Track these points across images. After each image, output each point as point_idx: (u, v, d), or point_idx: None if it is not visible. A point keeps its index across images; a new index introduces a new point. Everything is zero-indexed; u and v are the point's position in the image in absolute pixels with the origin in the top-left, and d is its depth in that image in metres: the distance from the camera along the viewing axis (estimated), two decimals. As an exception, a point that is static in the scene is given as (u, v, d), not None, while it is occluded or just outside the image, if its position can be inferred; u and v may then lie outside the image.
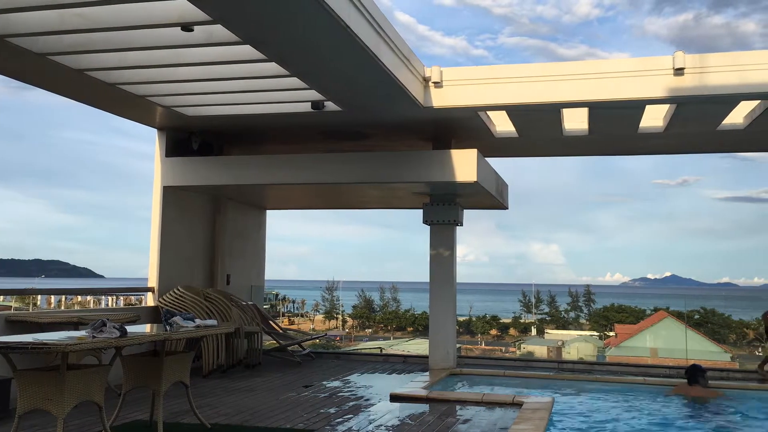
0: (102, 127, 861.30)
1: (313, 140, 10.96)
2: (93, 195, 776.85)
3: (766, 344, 8.48)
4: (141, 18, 6.05)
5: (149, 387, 5.85)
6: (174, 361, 5.97)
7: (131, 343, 5.22)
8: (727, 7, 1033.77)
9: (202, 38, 6.47)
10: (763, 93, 7.84)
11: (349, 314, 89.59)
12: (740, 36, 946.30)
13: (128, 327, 5.50)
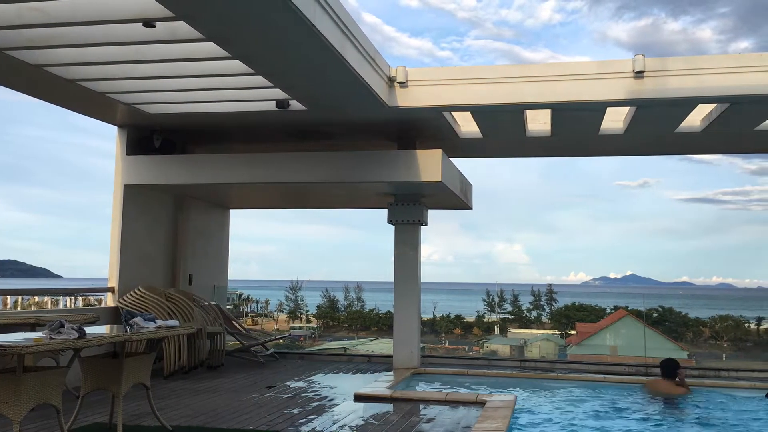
0: (61, 124, 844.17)
1: (277, 139, 10.88)
2: (52, 193, 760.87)
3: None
4: (102, 13, 5.94)
5: (109, 389, 5.75)
6: (134, 362, 5.87)
7: (90, 344, 5.12)
8: (684, 15, 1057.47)
9: (165, 35, 6.37)
10: (720, 96, 8.04)
11: (313, 314, 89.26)
12: (696, 42, 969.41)
13: (87, 328, 5.39)
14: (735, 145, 11.33)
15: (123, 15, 5.93)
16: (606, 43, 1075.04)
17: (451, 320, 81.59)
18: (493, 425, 6.39)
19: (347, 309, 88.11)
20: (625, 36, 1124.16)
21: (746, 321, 77.53)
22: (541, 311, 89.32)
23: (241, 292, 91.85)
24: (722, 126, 9.30)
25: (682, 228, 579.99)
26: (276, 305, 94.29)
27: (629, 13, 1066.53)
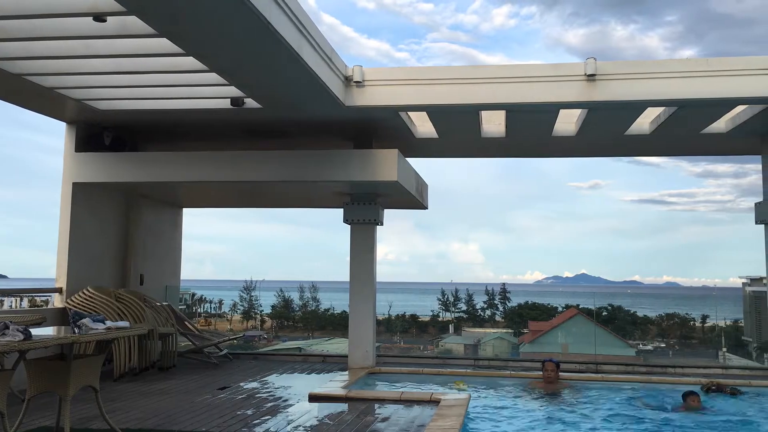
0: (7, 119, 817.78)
1: (232, 137, 10.76)
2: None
3: None
4: (50, 6, 5.78)
5: (56, 392, 5.59)
6: (83, 364, 5.72)
7: (36, 346, 4.98)
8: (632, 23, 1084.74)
9: (116, 29, 6.23)
10: (668, 100, 8.27)
11: (267, 314, 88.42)
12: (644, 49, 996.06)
13: (33, 330, 5.24)
14: (682, 147, 11.68)
15: (72, 8, 5.78)
16: (558, 48, 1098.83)
17: (407, 319, 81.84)
18: (447, 423, 6.44)
19: (302, 309, 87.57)
20: (575, 41, 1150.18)
21: (691, 319, 79.82)
22: (494, 310, 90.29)
23: (194, 292, 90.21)
24: (670, 129, 9.57)
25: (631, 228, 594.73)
26: (230, 305, 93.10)
27: (580, 19, 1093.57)
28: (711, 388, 9.17)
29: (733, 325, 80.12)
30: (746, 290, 72.09)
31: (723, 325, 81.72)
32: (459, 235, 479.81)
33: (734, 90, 7.88)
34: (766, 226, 9.91)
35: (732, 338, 70.70)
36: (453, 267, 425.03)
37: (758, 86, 7.82)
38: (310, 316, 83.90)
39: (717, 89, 7.88)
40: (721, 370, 11.95)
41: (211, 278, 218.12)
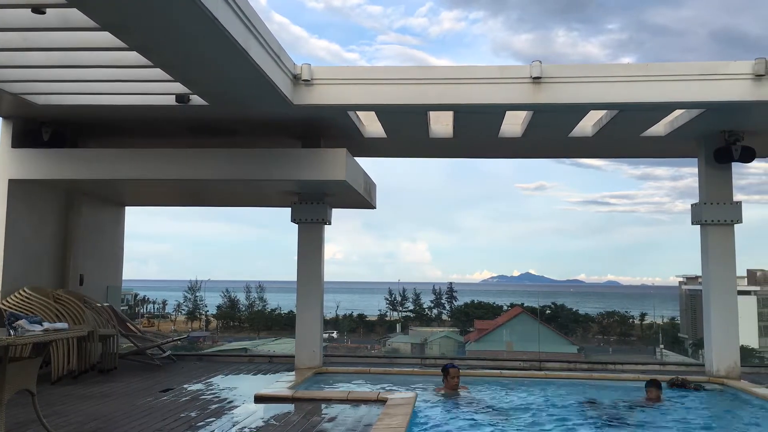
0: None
1: (178, 135, 10.55)
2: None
3: None
4: (-16, -5, 5.56)
5: (-11, 397, 5.38)
6: (18, 367, 5.52)
7: (-32, 349, 4.78)
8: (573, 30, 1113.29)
9: (56, 22, 6.04)
10: (609, 103, 8.49)
11: (212, 315, 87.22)
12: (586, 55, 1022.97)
13: (-35, 332, 5.03)
14: (623, 150, 12.00)
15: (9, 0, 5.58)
16: (503, 52, 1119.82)
17: (354, 319, 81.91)
18: (393, 422, 6.46)
19: (249, 309, 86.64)
20: (520, 46, 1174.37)
21: (630, 317, 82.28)
22: (441, 309, 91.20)
23: (136, 292, 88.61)
24: (612, 132, 9.82)
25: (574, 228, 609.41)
26: (174, 306, 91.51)
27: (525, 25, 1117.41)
28: (675, 383, 9.44)
29: (670, 322, 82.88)
30: (682, 289, 74.32)
31: (660, 322, 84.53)
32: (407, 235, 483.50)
33: (672, 95, 8.14)
34: (701, 227, 10.28)
35: (669, 335, 73.07)
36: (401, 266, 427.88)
37: (695, 91, 8.10)
38: (257, 317, 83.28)
39: (656, 94, 8.13)
40: (658, 366, 12.35)
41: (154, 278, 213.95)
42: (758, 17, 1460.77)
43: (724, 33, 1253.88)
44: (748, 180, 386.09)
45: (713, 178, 10.20)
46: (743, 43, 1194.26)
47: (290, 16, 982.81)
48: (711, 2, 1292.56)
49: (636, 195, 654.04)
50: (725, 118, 9.11)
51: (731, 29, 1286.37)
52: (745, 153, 9.65)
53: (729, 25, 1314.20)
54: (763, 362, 16.82)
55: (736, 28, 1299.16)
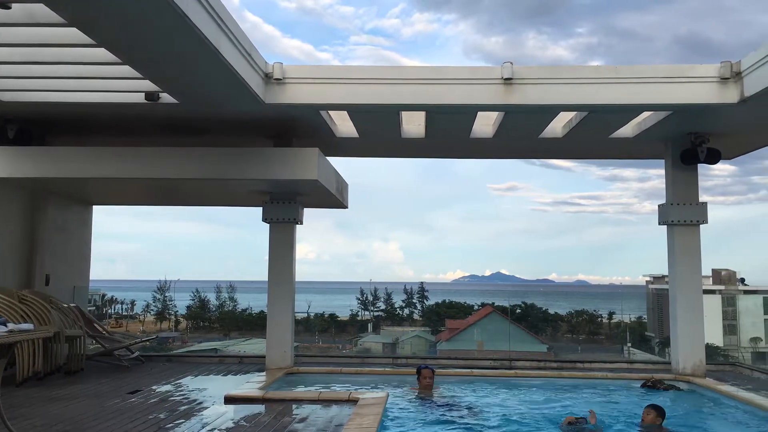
0: None
1: (147, 133, 10.42)
2: None
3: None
4: (-54, -12, 5.42)
5: (-49, 400, 5.26)
6: (-18, 370, 5.41)
7: (-71, 351, 4.67)
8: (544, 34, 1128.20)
9: (22, 17, 5.93)
10: (579, 105, 8.59)
11: (182, 315, 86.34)
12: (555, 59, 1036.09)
13: (-74, 333, 4.91)
14: (592, 151, 12.15)
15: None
16: (474, 54, 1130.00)
17: (325, 319, 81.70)
18: (365, 422, 6.46)
19: (219, 309, 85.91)
20: (491, 48, 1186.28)
21: (599, 316, 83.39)
22: (413, 309, 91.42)
23: (104, 292, 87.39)
24: (581, 133, 9.94)
25: (544, 229, 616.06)
26: (143, 306, 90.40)
27: (496, 27, 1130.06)
28: (647, 383, 9.55)
29: (638, 321, 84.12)
30: (649, 288, 75.40)
31: (628, 321, 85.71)
32: (379, 235, 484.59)
33: (640, 97, 8.27)
34: (668, 227, 10.45)
35: (636, 334, 74.13)
36: (373, 266, 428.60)
37: (662, 94, 8.23)
38: (227, 317, 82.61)
39: (624, 96, 8.25)
40: (626, 364, 12.52)
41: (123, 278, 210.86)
42: (721, 23, 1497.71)
43: (689, 38, 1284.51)
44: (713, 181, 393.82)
45: (680, 180, 10.39)
46: (707, 48, 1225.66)
47: (263, 15, 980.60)
48: (676, 8, 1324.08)
49: (604, 196, 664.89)
50: (692, 120, 9.28)
51: (696, 35, 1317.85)
52: (711, 155, 9.83)
53: (693, 31, 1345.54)
54: (727, 360, 17.24)
55: (700, 34, 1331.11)
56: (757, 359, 52.98)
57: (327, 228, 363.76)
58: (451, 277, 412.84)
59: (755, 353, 57.23)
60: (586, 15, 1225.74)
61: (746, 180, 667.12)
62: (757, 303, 61.75)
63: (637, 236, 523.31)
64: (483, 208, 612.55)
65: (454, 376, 10.30)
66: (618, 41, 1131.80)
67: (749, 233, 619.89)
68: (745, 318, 61.25)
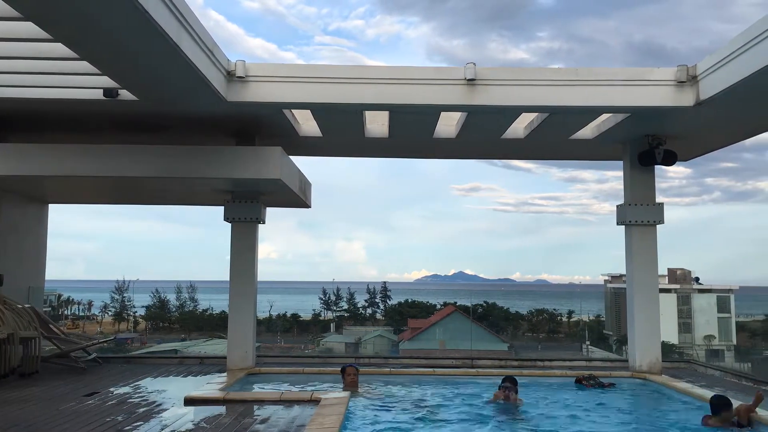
0: None
1: (106, 130, 10.22)
2: None
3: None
4: None
5: None
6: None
7: None
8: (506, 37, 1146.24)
9: (-26, 9, 5.75)
10: (541, 106, 8.70)
11: (141, 316, 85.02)
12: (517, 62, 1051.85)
13: None
14: (553, 152, 12.34)
15: None
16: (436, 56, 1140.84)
17: (288, 319, 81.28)
18: (327, 422, 6.45)
19: (179, 310, 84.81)
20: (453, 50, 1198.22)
21: (559, 314, 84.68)
22: (375, 308, 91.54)
23: (60, 293, 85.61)
24: (543, 134, 10.07)
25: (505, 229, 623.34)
26: (100, 307, 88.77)
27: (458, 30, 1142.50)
28: (582, 380, 9.69)
29: (596, 319, 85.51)
30: (607, 287, 76.69)
31: (587, 320, 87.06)
32: (343, 234, 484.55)
33: (600, 99, 8.42)
34: (626, 227, 10.66)
35: (595, 332, 75.36)
36: (337, 265, 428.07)
37: (621, 96, 8.40)
38: (188, 317, 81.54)
39: (584, 98, 8.40)
40: (584, 362, 12.74)
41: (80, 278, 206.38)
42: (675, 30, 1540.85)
43: (644, 44, 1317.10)
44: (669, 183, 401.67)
45: (637, 181, 10.60)
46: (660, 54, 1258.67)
47: (226, 14, 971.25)
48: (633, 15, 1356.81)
49: (564, 197, 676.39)
50: (649, 122, 9.47)
51: (650, 41, 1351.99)
52: (668, 156, 10.05)
53: (648, 37, 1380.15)
54: (682, 357, 17.74)
55: (654, 40, 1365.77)
56: (710, 356, 54.49)
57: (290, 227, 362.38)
58: (415, 276, 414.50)
59: (709, 350, 58.85)
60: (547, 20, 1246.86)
61: (700, 182, 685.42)
62: (710, 302, 63.46)
63: (596, 236, 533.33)
64: (446, 208, 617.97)
65: (417, 375, 10.34)
66: (578, 46, 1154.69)
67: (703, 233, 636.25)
68: (700, 316, 62.89)
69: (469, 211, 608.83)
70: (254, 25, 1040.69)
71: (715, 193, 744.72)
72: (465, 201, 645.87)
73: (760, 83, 7.22)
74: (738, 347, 61.74)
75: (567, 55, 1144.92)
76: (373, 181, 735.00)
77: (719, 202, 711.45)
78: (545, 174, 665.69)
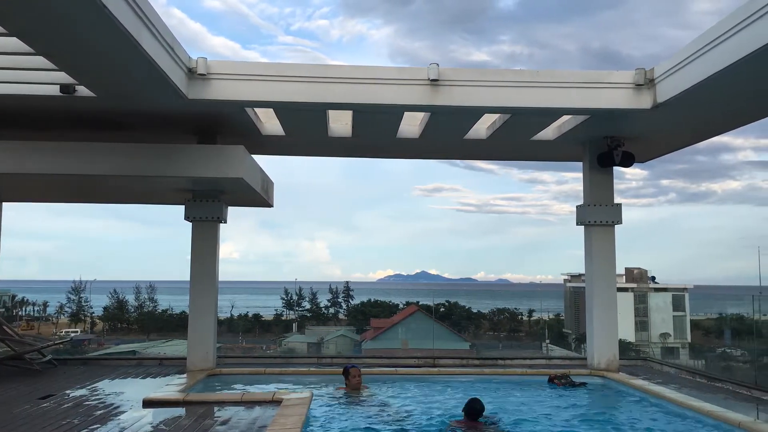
0: None
1: (63, 127, 9.98)
2: None
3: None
4: None
5: None
6: None
7: None
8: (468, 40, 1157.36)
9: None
10: (502, 107, 8.78)
11: (98, 316, 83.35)
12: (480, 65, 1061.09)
13: None
14: (515, 153, 12.47)
15: None
16: (400, 57, 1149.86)
17: (249, 319, 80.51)
18: (288, 423, 6.41)
19: (138, 310, 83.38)
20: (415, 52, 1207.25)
21: (519, 313, 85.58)
22: (338, 308, 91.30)
23: (14, 293, 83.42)
24: (504, 135, 10.18)
25: (468, 229, 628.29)
26: (56, 307, 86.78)
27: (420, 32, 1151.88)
28: (554, 380, 9.81)
29: (556, 318, 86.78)
30: (567, 286, 77.79)
31: (547, 318, 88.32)
32: (306, 234, 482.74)
33: (560, 101, 8.55)
34: (585, 228, 10.83)
35: (554, 331, 76.51)
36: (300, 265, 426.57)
37: (581, 98, 8.54)
38: (147, 318, 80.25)
39: (545, 99, 8.51)
40: (544, 360, 12.91)
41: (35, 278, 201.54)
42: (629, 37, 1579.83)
43: (601, 50, 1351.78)
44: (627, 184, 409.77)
45: (596, 182, 10.78)
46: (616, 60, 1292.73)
47: (188, 11, 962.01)
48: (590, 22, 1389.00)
49: (525, 198, 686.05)
50: (608, 124, 9.65)
51: (606, 47, 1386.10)
52: (626, 158, 10.25)
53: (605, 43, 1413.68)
54: (639, 355, 18.10)
55: (610, 46, 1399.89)
56: (666, 354, 55.79)
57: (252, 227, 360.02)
58: (378, 276, 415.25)
59: (664, 348, 60.22)
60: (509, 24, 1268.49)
61: (656, 183, 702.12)
62: (666, 300, 64.95)
63: (557, 236, 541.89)
64: (409, 208, 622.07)
65: (379, 375, 10.35)
66: (538, 51, 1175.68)
67: (659, 234, 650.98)
68: (656, 315, 64.32)
69: (432, 211, 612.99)
70: (217, 23, 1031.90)
71: (671, 194, 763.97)
72: (428, 201, 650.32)
73: (715, 87, 7.41)
74: (692, 345, 63.27)
75: (528, 59, 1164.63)
76: (336, 181, 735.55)
77: (674, 203, 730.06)
78: (506, 175, 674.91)
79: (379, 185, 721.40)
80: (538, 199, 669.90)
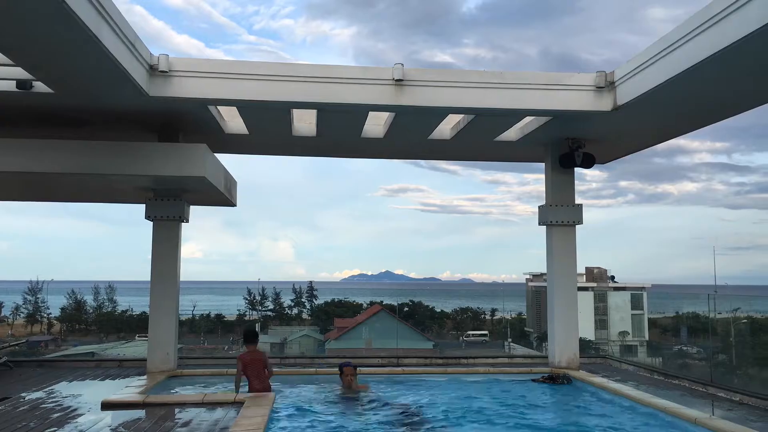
0: None
1: (20, 124, 9.73)
2: None
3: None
4: None
5: None
6: None
7: None
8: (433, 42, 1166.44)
9: None
10: (466, 108, 8.84)
11: (56, 317, 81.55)
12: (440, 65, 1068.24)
13: None
14: (479, 153, 12.56)
15: None
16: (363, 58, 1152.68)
17: (211, 320, 79.60)
18: (251, 423, 6.37)
19: (97, 311, 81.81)
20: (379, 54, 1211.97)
21: (482, 312, 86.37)
22: (302, 308, 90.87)
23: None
24: (468, 135, 10.25)
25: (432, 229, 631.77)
26: (12, 309, 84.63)
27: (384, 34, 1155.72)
28: (546, 378, 9.92)
29: (518, 317, 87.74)
30: (529, 286, 78.74)
31: (509, 317, 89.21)
32: (270, 233, 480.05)
33: (522, 102, 8.64)
34: (547, 228, 10.98)
35: (516, 330, 77.32)
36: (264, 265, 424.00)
37: (543, 100, 8.64)
38: (106, 319, 78.78)
39: (508, 100, 8.59)
40: (507, 359, 13.05)
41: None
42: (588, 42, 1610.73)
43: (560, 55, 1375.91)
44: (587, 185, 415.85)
45: (558, 182, 10.93)
46: (576, 64, 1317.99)
47: (151, 9, 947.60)
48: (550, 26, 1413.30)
49: (488, 198, 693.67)
50: (569, 126, 9.79)
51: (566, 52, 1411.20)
52: (587, 159, 10.42)
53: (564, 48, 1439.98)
54: (598, 353, 18.41)
55: (569, 51, 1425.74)
56: (625, 352, 56.87)
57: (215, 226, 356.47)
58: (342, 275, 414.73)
59: (623, 346, 61.36)
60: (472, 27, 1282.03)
61: (615, 185, 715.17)
62: (625, 299, 66.18)
63: (519, 236, 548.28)
64: (374, 208, 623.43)
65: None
66: (501, 54, 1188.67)
67: (618, 234, 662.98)
68: (615, 313, 65.49)
69: (396, 211, 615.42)
70: (180, 21, 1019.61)
71: (629, 195, 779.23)
72: (392, 201, 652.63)
73: (673, 90, 7.58)
74: (650, 343, 64.58)
75: (491, 62, 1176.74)
76: (300, 180, 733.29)
77: (633, 204, 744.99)
78: (470, 176, 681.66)
79: (343, 185, 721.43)
80: (501, 200, 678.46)
